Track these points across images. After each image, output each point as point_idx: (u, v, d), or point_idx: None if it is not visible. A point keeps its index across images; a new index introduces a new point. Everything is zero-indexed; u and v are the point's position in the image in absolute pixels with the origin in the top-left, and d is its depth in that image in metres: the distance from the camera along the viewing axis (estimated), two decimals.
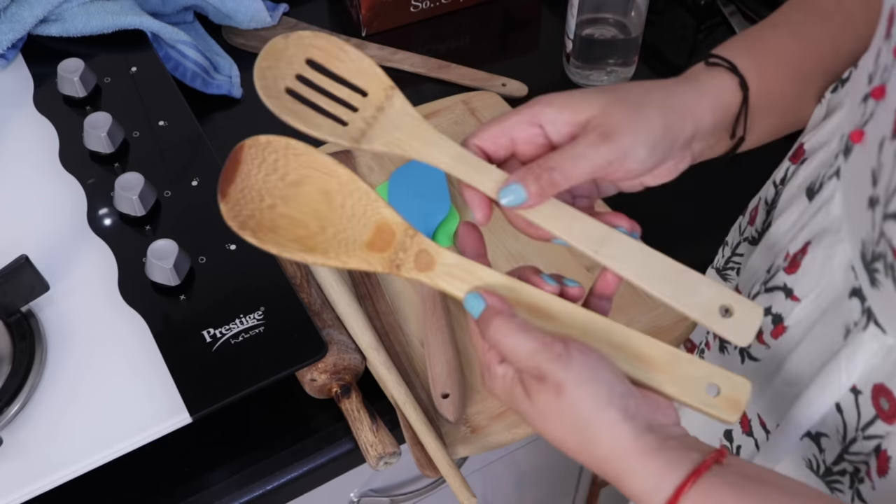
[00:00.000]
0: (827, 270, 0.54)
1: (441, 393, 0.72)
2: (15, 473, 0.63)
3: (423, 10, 1.07)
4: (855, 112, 0.52)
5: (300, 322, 0.70)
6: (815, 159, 0.59)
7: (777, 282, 0.59)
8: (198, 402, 0.65)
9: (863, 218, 0.49)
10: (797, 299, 0.56)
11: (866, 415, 0.51)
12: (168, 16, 0.98)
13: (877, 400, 0.51)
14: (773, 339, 0.59)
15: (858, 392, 0.51)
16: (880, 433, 0.51)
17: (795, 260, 0.57)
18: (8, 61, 0.87)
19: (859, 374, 0.51)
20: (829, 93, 0.61)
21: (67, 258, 0.73)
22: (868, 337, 0.50)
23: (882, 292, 0.49)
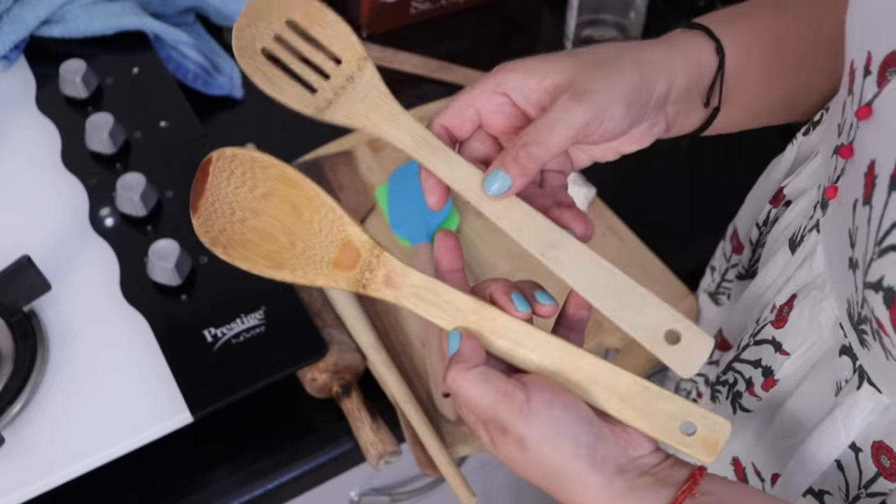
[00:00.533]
0: (815, 326, 0.53)
1: (442, 392, 0.73)
2: (17, 472, 0.63)
3: (423, 11, 1.07)
4: (828, 165, 0.51)
5: (301, 322, 0.70)
6: (797, 206, 0.59)
7: (765, 335, 0.58)
8: (199, 402, 0.66)
9: (846, 278, 0.48)
10: (786, 353, 0.56)
11: (868, 472, 0.50)
12: (169, 17, 0.99)
13: (877, 458, 0.50)
14: (764, 391, 0.58)
15: (859, 450, 0.50)
16: (884, 490, 0.50)
17: (782, 314, 0.56)
18: (10, 62, 0.88)
19: (857, 433, 0.50)
20: (802, 135, 0.60)
21: (69, 258, 0.73)
22: (863, 396, 0.49)
23: (872, 353, 0.48)
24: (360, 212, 0.86)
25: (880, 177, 0.42)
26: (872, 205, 0.43)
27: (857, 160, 0.45)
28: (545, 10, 1.11)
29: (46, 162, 0.80)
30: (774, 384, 0.57)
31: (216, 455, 0.72)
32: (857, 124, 0.45)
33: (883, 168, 0.42)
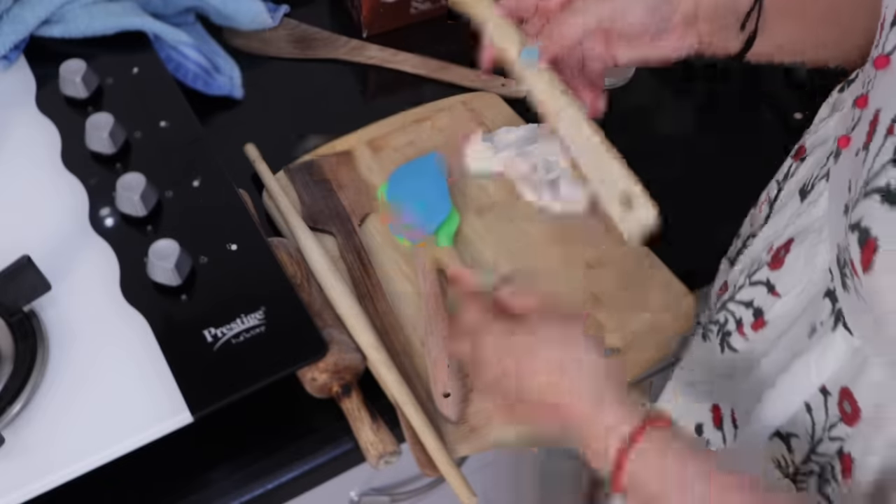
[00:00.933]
0: (808, 269, 0.55)
1: (443, 392, 0.73)
2: (17, 472, 0.63)
3: (423, 11, 1.07)
4: (847, 117, 0.53)
5: (301, 322, 0.70)
6: (811, 158, 0.60)
7: (760, 276, 0.59)
8: (199, 402, 0.66)
9: (839, 223, 0.50)
10: (778, 295, 0.57)
11: (832, 417, 0.52)
12: (169, 17, 0.99)
13: (841, 403, 0.51)
14: (752, 331, 0.60)
15: (828, 393, 0.52)
16: (842, 435, 0.51)
17: (779, 256, 0.58)
18: (10, 62, 0.88)
19: (829, 376, 0.51)
20: (837, 91, 0.61)
21: (69, 258, 0.73)
22: (838, 338, 0.51)
23: (851, 295, 0.49)
24: (360, 212, 0.86)
25: (881, 124, 0.45)
26: (869, 150, 0.46)
27: (867, 110, 0.48)
28: None
29: (46, 162, 0.80)
30: (763, 325, 0.59)
31: (216, 455, 0.72)
32: (875, 74, 0.47)
33: (885, 116, 0.44)
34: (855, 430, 0.51)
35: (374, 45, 1.04)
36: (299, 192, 0.87)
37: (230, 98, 0.97)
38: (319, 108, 0.98)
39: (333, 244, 0.84)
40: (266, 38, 1.04)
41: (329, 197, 0.87)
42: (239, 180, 0.85)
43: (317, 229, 0.84)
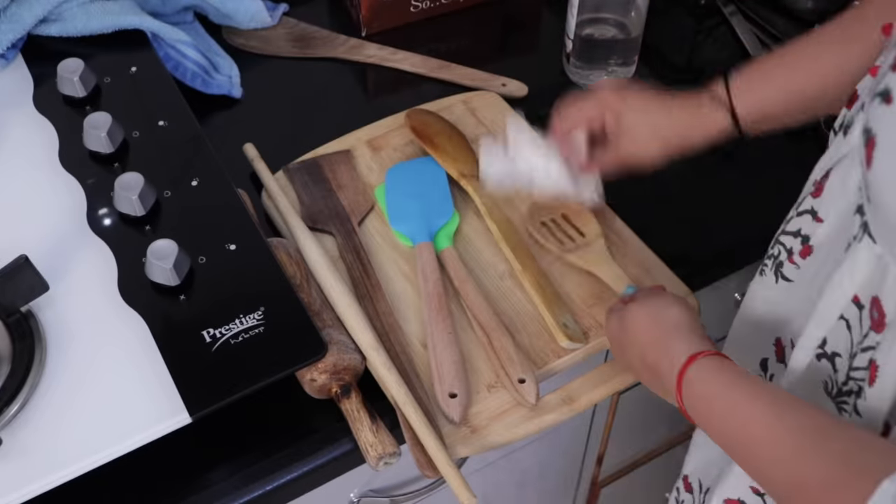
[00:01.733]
0: (844, 192, 0.58)
1: (449, 392, 0.72)
2: (15, 473, 0.62)
3: (422, 10, 1.07)
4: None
5: (300, 322, 0.70)
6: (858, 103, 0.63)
7: (805, 206, 0.64)
8: (197, 403, 0.65)
9: None
10: (821, 220, 0.61)
11: (865, 327, 0.55)
12: (168, 16, 0.98)
13: (871, 311, 0.54)
14: (801, 258, 0.64)
15: (861, 306, 0.55)
16: (872, 344, 0.54)
17: (820, 185, 0.62)
18: (8, 61, 0.87)
19: (860, 285, 0.55)
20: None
21: (67, 258, 0.73)
22: (863, 247, 0.54)
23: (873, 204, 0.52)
24: (360, 211, 0.86)
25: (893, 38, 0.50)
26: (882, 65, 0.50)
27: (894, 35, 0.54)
28: (545, 9, 1.11)
29: (44, 162, 0.80)
30: (811, 251, 0.63)
31: (215, 456, 0.71)
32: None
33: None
34: (881, 336, 0.53)
35: (374, 43, 1.04)
36: (298, 192, 0.87)
37: (229, 97, 0.97)
38: (319, 108, 0.98)
39: (333, 244, 0.83)
40: (265, 37, 1.04)
41: (328, 197, 0.86)
42: (238, 180, 0.85)
43: (316, 229, 0.84)
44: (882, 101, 0.48)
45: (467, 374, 0.75)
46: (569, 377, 0.77)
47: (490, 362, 0.76)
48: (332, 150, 0.91)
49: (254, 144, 0.90)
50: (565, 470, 1.10)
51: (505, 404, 0.74)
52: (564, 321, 0.77)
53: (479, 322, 0.77)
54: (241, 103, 0.97)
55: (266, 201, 0.87)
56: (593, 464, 1.10)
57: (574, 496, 1.16)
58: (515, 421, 0.73)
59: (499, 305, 0.79)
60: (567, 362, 0.77)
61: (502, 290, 0.81)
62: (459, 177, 0.86)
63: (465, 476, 0.69)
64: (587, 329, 0.78)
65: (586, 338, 0.77)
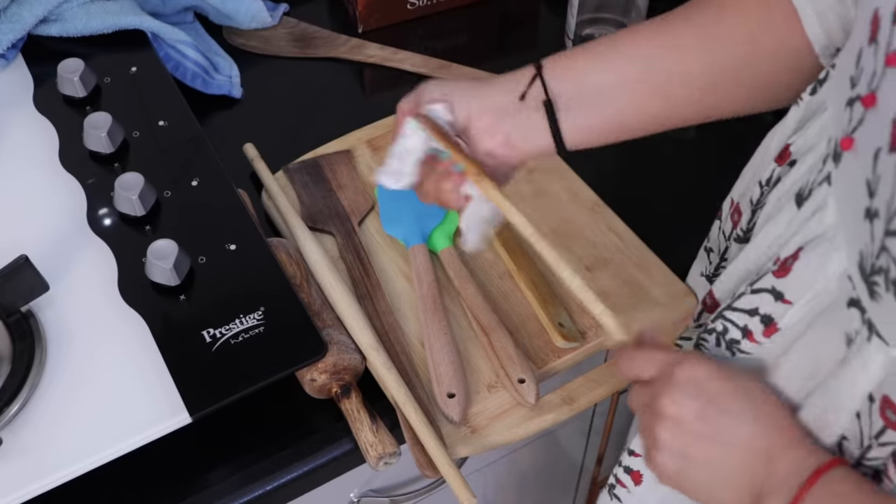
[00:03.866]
0: (820, 277, 0.54)
1: (447, 392, 0.72)
2: (15, 473, 0.63)
3: (420, 7, 1.07)
4: (841, 117, 0.52)
5: (300, 322, 0.70)
6: (804, 164, 0.59)
7: (765, 284, 0.58)
8: (197, 402, 0.65)
9: (859, 229, 0.49)
10: (789, 302, 0.56)
11: (876, 424, 0.51)
12: (168, 16, 0.98)
13: (884, 412, 0.50)
14: (765, 338, 0.59)
15: (872, 400, 0.51)
16: (892, 440, 0.51)
17: (786, 265, 0.57)
18: (8, 61, 0.87)
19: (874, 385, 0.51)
20: (808, 94, 0.61)
21: (67, 258, 0.73)
22: (874, 349, 0.50)
23: (882, 305, 0.48)
24: (360, 211, 0.86)
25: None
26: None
27: (881, 109, 0.46)
28: (543, 7, 1.11)
29: (44, 161, 0.80)
30: (777, 331, 0.58)
31: (215, 456, 0.71)
32: (885, 72, 0.46)
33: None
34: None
35: (374, 43, 1.04)
36: (298, 192, 0.87)
37: (229, 97, 0.97)
38: (319, 108, 0.98)
39: (333, 244, 0.83)
40: (265, 37, 1.04)
41: (328, 197, 0.86)
42: (238, 180, 0.85)
43: (316, 229, 0.84)
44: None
45: (466, 374, 0.75)
46: (569, 377, 0.77)
47: (490, 362, 0.76)
48: (333, 149, 0.91)
49: (254, 144, 0.90)
50: (565, 470, 1.10)
51: (505, 404, 0.74)
52: (560, 321, 0.77)
53: (478, 322, 0.77)
54: (241, 103, 0.97)
55: (266, 201, 0.87)
56: (593, 464, 1.10)
57: (574, 496, 1.16)
58: (515, 421, 0.73)
59: (499, 305, 0.79)
60: (567, 362, 0.77)
61: (502, 290, 0.81)
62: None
63: (465, 476, 0.69)
64: (585, 329, 0.78)
65: (584, 337, 0.77)
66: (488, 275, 0.82)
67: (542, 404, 0.74)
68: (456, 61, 1.01)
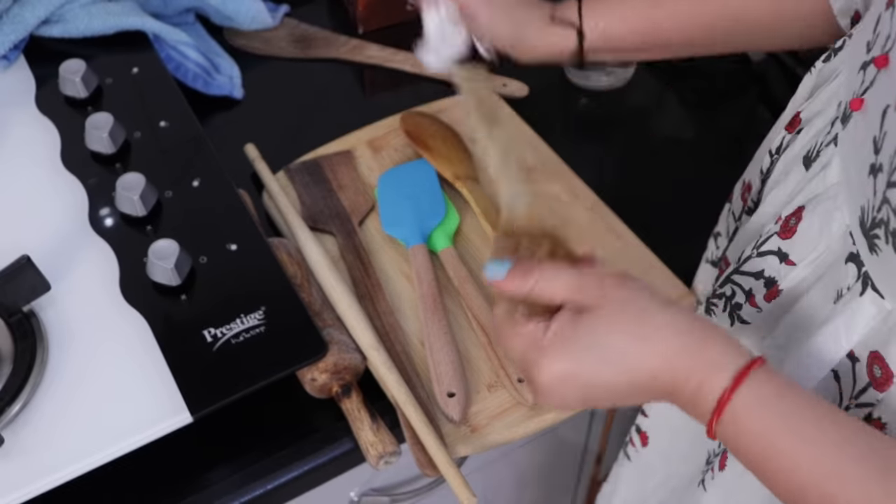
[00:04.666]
0: (825, 236, 0.55)
1: (447, 392, 0.73)
2: (16, 473, 0.63)
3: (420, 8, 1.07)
4: (853, 80, 0.53)
5: (301, 322, 0.70)
6: (812, 128, 0.60)
7: (770, 246, 0.59)
8: (198, 402, 0.66)
9: (863, 185, 0.50)
10: (792, 263, 0.57)
11: (861, 382, 0.52)
12: (169, 17, 0.99)
13: (871, 368, 0.51)
14: (766, 302, 0.59)
15: (856, 359, 0.52)
16: (871, 401, 0.51)
17: (789, 225, 0.57)
18: (10, 62, 0.88)
19: (858, 340, 0.51)
20: (821, 62, 0.62)
21: (69, 258, 0.73)
22: (866, 302, 0.50)
23: (881, 258, 0.49)
24: (360, 212, 0.86)
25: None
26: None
27: (892, 68, 0.47)
28: None
29: (46, 162, 0.80)
30: (778, 294, 0.58)
31: (216, 455, 0.72)
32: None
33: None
34: (886, 394, 0.50)
35: (375, 44, 1.04)
36: (299, 192, 0.87)
37: (230, 98, 0.97)
38: (319, 108, 0.98)
39: (333, 244, 0.84)
40: (266, 38, 1.04)
41: (329, 197, 0.87)
42: (239, 180, 0.85)
43: (317, 229, 0.84)
44: None
45: (466, 373, 0.75)
46: None
47: (490, 362, 0.76)
48: (333, 150, 0.91)
49: (255, 145, 0.90)
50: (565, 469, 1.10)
51: (505, 404, 0.74)
52: None
53: (479, 322, 0.77)
54: (242, 104, 0.98)
55: (267, 201, 0.87)
56: (593, 463, 1.10)
57: (573, 495, 1.16)
58: (515, 420, 0.73)
59: None
60: None
61: None
62: (454, 179, 0.86)
63: (465, 475, 0.69)
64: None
65: None
66: None
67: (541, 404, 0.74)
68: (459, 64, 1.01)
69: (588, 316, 0.50)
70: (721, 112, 1.00)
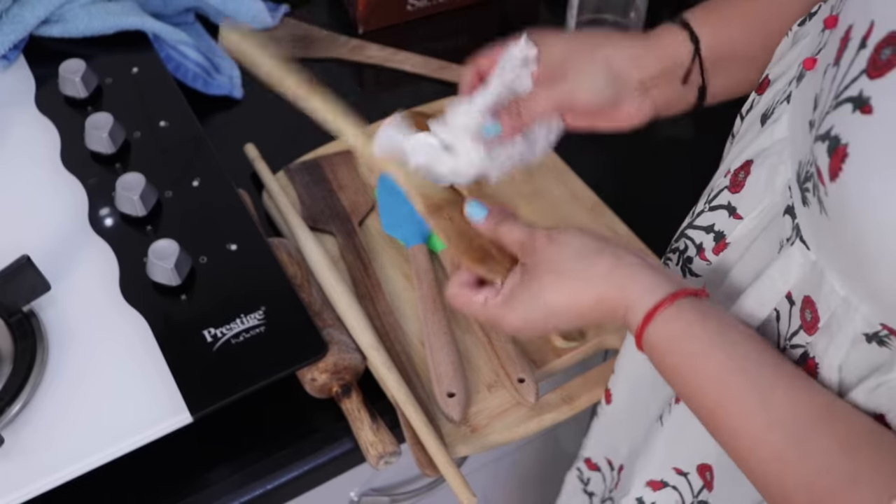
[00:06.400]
0: (769, 190, 0.56)
1: (447, 392, 0.73)
2: (16, 473, 0.63)
3: (419, 8, 1.07)
4: (814, 41, 0.55)
5: (301, 322, 0.70)
6: (773, 88, 0.61)
7: (721, 200, 0.61)
8: (198, 402, 0.66)
9: (804, 141, 0.51)
10: (740, 217, 0.59)
11: (794, 325, 0.54)
12: (169, 17, 0.99)
13: (803, 311, 0.53)
14: (714, 255, 0.61)
15: (793, 302, 0.54)
16: (802, 343, 0.53)
17: (738, 179, 0.59)
18: (10, 62, 0.88)
19: (793, 284, 0.54)
20: (797, 25, 0.62)
21: (69, 258, 0.73)
22: (796, 251, 0.53)
23: (808, 210, 0.51)
24: (360, 212, 0.86)
25: (853, 39, 0.46)
26: (840, 65, 0.47)
27: (837, 28, 0.49)
28: (543, 8, 1.11)
29: (46, 162, 0.80)
30: (725, 247, 0.60)
31: (216, 455, 0.72)
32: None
33: (857, 31, 0.46)
34: (814, 337, 0.52)
35: (375, 44, 1.04)
36: (299, 192, 0.87)
37: (230, 98, 0.97)
38: None
39: (333, 244, 0.84)
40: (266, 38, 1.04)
41: (329, 197, 0.87)
42: (239, 180, 0.85)
43: (317, 229, 0.84)
44: (856, 109, 0.45)
45: (466, 373, 0.75)
46: (568, 376, 0.77)
47: (490, 362, 0.76)
48: (333, 150, 0.91)
49: (254, 145, 0.90)
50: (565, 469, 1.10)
51: (505, 404, 0.74)
52: None
53: (478, 322, 0.77)
54: (241, 104, 0.98)
55: (267, 201, 0.87)
56: None
57: None
58: (515, 420, 0.73)
59: None
60: (566, 361, 0.77)
61: None
62: None
63: (466, 475, 0.69)
64: (584, 328, 0.78)
65: (583, 337, 0.77)
66: None
67: (541, 404, 0.74)
68: (456, 62, 1.02)
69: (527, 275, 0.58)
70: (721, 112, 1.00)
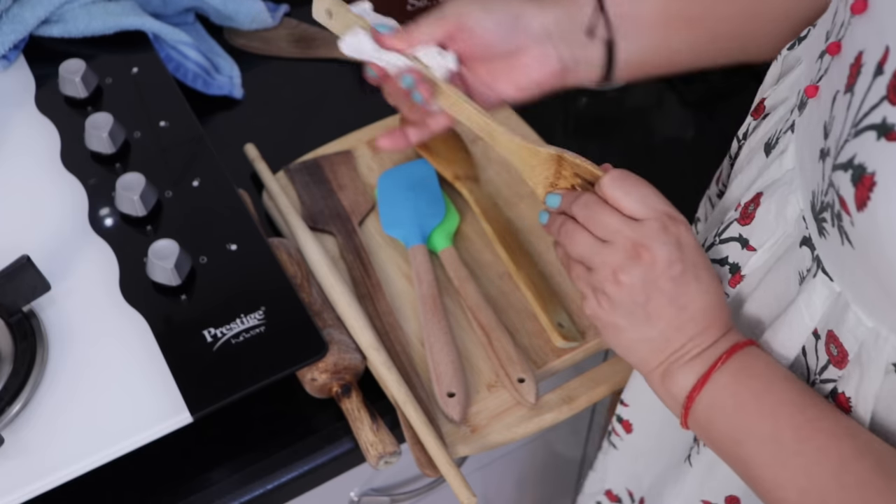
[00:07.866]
0: (781, 221, 0.56)
1: (447, 392, 0.73)
2: (16, 473, 0.63)
3: (420, 7, 1.07)
4: (811, 68, 0.54)
5: (301, 322, 0.70)
6: (775, 115, 0.62)
7: (732, 233, 0.61)
8: (198, 402, 0.66)
9: (814, 170, 0.51)
10: (753, 249, 0.59)
11: (822, 359, 0.54)
12: (169, 17, 0.99)
13: (828, 346, 0.53)
14: (731, 287, 0.61)
15: (818, 337, 0.54)
16: (833, 377, 0.53)
17: (748, 211, 0.59)
18: (10, 62, 0.88)
19: (819, 318, 0.53)
20: (786, 50, 0.63)
21: (69, 258, 0.73)
22: (819, 283, 0.52)
23: (828, 241, 0.50)
24: (360, 212, 0.86)
25: (867, 65, 0.46)
26: (854, 91, 0.46)
27: (843, 55, 0.49)
28: None
29: (46, 162, 0.80)
30: (741, 280, 0.60)
31: (216, 455, 0.72)
32: (850, 20, 0.49)
33: (870, 57, 0.45)
34: (844, 371, 0.52)
35: None
36: (299, 192, 0.87)
37: (230, 98, 0.97)
38: (320, 108, 0.98)
39: (333, 244, 0.84)
40: (266, 38, 1.04)
41: (329, 197, 0.87)
42: (239, 180, 0.85)
43: (317, 229, 0.84)
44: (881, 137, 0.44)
45: (466, 373, 0.75)
46: (568, 376, 0.77)
47: (490, 362, 0.76)
48: (333, 150, 0.91)
49: (254, 145, 0.90)
50: (565, 469, 1.10)
51: (505, 404, 0.74)
52: (559, 321, 0.77)
53: (478, 322, 0.77)
54: (242, 104, 0.98)
55: (267, 201, 0.87)
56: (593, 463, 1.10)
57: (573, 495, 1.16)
58: (515, 420, 0.73)
59: (499, 305, 0.79)
60: (566, 362, 0.77)
61: (502, 290, 0.81)
62: (454, 179, 0.86)
63: (465, 475, 0.69)
64: (584, 328, 0.78)
65: (583, 337, 0.77)
66: (488, 275, 0.82)
67: (541, 404, 0.74)
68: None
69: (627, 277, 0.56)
70: (721, 112, 1.00)
